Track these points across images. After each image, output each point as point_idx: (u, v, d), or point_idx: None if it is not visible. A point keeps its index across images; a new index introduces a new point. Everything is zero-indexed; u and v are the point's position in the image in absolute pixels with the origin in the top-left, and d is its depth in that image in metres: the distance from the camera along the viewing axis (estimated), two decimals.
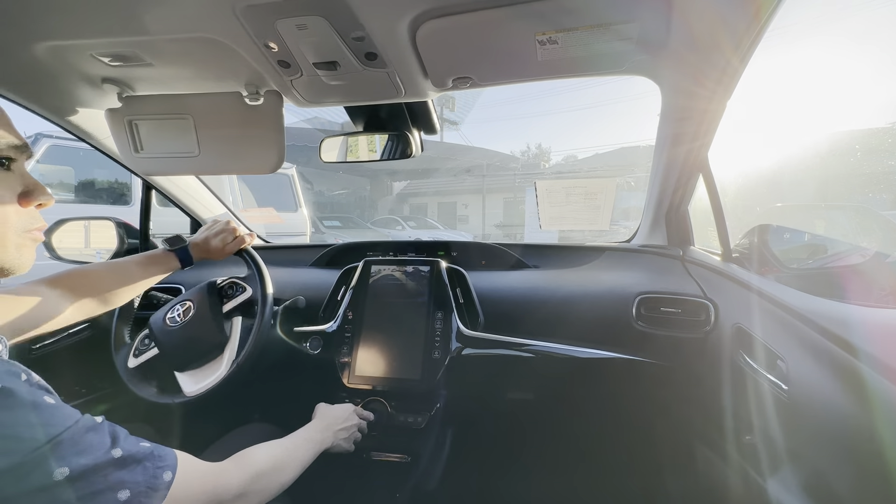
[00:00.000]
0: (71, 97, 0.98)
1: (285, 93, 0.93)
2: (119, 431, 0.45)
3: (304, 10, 0.66)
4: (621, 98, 52.04)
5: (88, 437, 0.40)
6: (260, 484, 0.59)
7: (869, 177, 1.23)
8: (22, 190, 0.52)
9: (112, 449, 0.42)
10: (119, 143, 1.02)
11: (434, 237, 6.57)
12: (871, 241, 0.94)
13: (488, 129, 55.25)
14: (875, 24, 15.69)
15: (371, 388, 1.07)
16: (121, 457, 0.42)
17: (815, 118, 2.52)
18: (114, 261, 0.85)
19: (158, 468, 0.45)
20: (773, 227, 1.00)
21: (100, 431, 0.42)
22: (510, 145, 69.59)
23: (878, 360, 0.56)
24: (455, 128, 22.14)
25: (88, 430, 0.41)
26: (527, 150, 26.25)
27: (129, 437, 0.45)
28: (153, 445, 0.46)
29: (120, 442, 0.43)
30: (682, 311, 1.03)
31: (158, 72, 0.87)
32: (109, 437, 0.43)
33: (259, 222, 4.88)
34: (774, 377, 0.76)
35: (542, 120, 58.51)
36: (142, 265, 0.87)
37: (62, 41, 0.77)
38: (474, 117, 51.08)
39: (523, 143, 52.19)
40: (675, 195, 1.15)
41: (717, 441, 1.04)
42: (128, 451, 0.43)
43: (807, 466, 0.74)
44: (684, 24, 0.69)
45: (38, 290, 0.70)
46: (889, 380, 0.54)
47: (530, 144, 26.13)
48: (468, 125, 46.22)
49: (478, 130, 55.68)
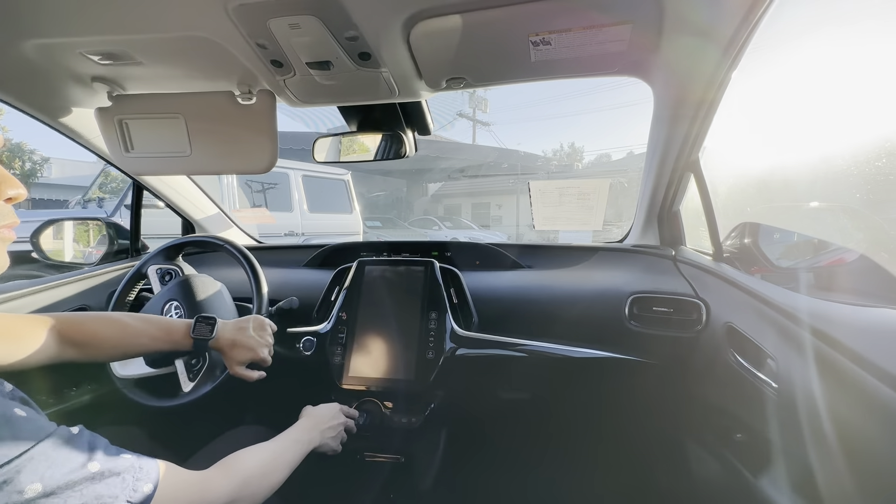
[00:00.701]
0: (60, 96, 0.96)
1: (278, 92, 0.92)
2: (98, 442, 0.43)
3: (296, 9, 0.65)
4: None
5: (63, 450, 0.39)
6: (248, 490, 0.58)
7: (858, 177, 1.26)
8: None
9: (89, 462, 0.40)
10: (109, 143, 1.01)
11: (471, 237, 6.65)
12: (858, 240, 0.95)
13: (520, 129, 55.72)
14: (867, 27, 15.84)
15: (365, 389, 1.07)
16: (98, 470, 0.40)
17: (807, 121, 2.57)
18: (129, 322, 0.77)
19: (138, 481, 0.43)
20: (762, 226, 1.01)
21: (76, 443, 0.40)
22: (543, 145, 69.64)
23: (866, 359, 0.57)
24: (487, 129, 22.59)
25: (63, 442, 0.39)
26: (559, 150, 26.38)
27: (108, 447, 0.43)
28: (134, 456, 0.45)
29: (97, 454, 0.41)
30: (674, 311, 1.04)
31: (149, 70, 0.86)
32: (86, 449, 0.41)
33: (251, 222, 4.92)
34: (765, 375, 0.77)
35: (574, 120, 58.75)
36: (153, 339, 0.78)
37: (51, 39, 0.76)
38: (505, 118, 51.35)
39: (556, 142, 51.65)
40: (667, 196, 1.16)
41: (708, 439, 1.05)
42: (105, 463, 0.41)
43: (796, 464, 0.75)
44: (676, 27, 0.69)
45: (34, 327, 0.66)
46: (877, 378, 0.55)
47: (563, 144, 26.18)
48: (500, 126, 46.55)
49: (510, 130, 56.17)
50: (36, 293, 1.09)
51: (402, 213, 15.41)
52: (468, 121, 21.10)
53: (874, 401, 0.55)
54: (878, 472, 0.55)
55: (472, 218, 16.06)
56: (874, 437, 0.55)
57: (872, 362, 0.56)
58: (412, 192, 17.93)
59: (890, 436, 0.53)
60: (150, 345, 0.79)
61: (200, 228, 1.56)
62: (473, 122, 21.70)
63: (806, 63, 6.50)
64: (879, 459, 0.55)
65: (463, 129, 36.16)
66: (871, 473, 0.57)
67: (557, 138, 63.24)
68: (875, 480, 0.56)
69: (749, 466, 0.86)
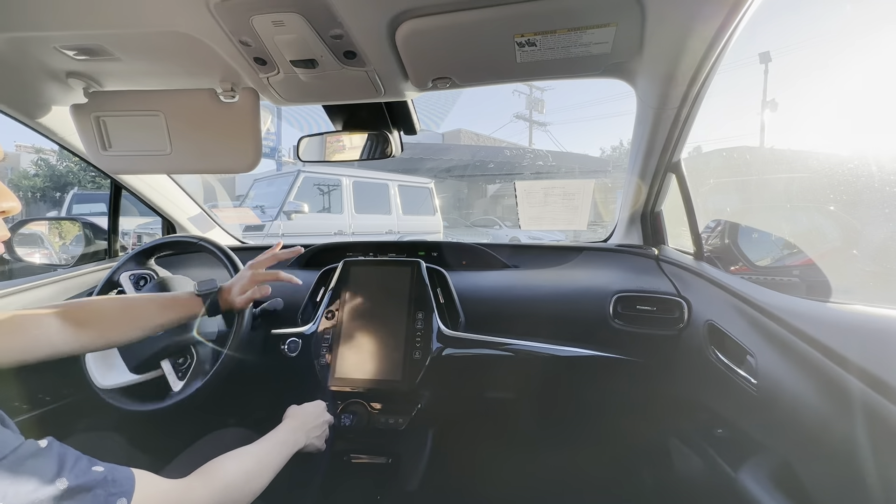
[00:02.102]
0: (33, 92, 0.93)
1: (262, 91, 0.91)
2: (68, 456, 0.41)
3: (280, 6, 0.64)
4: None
5: (29, 466, 0.37)
6: (230, 496, 0.56)
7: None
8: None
9: (57, 479, 0.38)
10: (85, 141, 0.97)
11: (532, 238, 6.83)
12: (832, 240, 0.98)
13: (581, 128, 55.56)
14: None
15: (351, 390, 1.06)
16: (66, 487, 0.38)
17: (788, 122, 2.62)
18: (132, 297, 0.80)
19: (112, 495, 0.41)
20: (742, 226, 1.03)
21: (44, 457, 0.38)
22: (601, 144, 70.00)
23: (841, 356, 0.59)
24: (543, 129, 23.33)
25: (29, 457, 0.37)
26: (619, 146, 26.08)
27: (79, 460, 0.41)
28: (107, 468, 0.43)
29: (66, 469, 0.39)
30: (657, 309, 1.06)
31: (127, 67, 0.84)
32: (56, 464, 0.39)
33: (234, 222, 4.99)
34: (744, 372, 0.79)
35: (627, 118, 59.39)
36: (162, 306, 0.81)
37: (23, 32, 0.73)
38: (563, 118, 50.86)
39: (616, 140, 50.93)
40: (650, 196, 1.18)
41: (689, 434, 1.07)
42: (75, 479, 0.39)
43: (775, 458, 0.77)
44: (657, 30, 0.71)
45: (41, 317, 0.66)
46: (852, 374, 0.56)
47: (623, 141, 26.24)
48: (554, 127, 46.67)
49: (570, 129, 56.54)
50: (11, 294, 1.05)
51: (464, 213, 16.00)
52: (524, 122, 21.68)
53: (849, 396, 0.56)
54: (854, 465, 0.57)
55: None
56: (850, 431, 0.57)
57: (848, 358, 0.58)
58: (472, 194, 18.55)
59: (865, 430, 0.55)
60: (160, 315, 0.79)
61: (182, 229, 1.53)
62: (530, 124, 22.06)
63: (804, 64, 6.67)
64: (855, 453, 0.57)
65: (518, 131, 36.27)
66: (848, 467, 0.59)
67: (617, 136, 63.21)
68: (852, 473, 0.58)
69: (730, 461, 0.88)
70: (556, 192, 1.35)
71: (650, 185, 1.14)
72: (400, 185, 6.56)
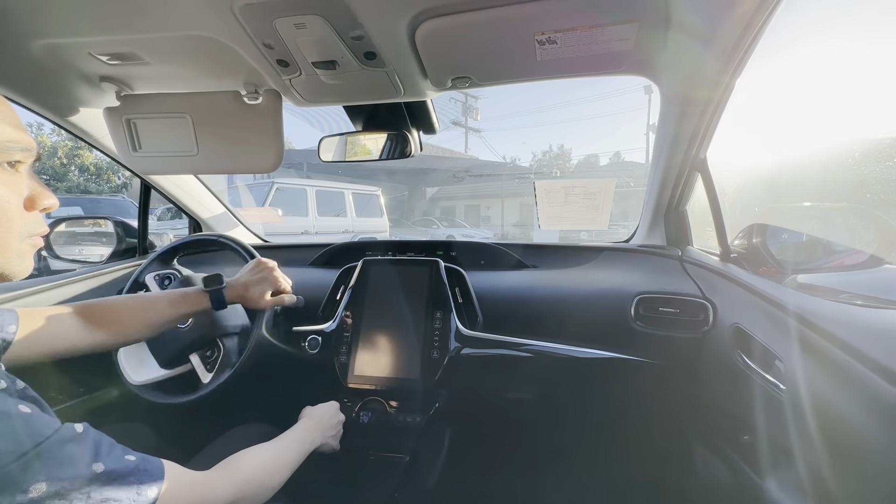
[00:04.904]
0: (69, 95, 0.97)
1: (284, 92, 0.93)
2: (103, 442, 0.42)
3: (302, 8, 0.65)
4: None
5: (68, 449, 0.38)
6: (249, 490, 0.58)
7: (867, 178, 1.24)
8: (28, 193, 0.50)
9: (94, 463, 0.39)
10: (117, 142, 1.01)
11: (464, 235, 7.47)
12: (868, 241, 0.94)
13: (509, 136, 56.52)
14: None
15: (370, 388, 1.07)
16: (102, 472, 0.39)
17: (816, 120, 2.53)
18: (145, 295, 0.84)
19: (143, 484, 0.42)
20: (770, 227, 1.00)
21: (81, 442, 0.40)
22: (526, 151, 71.48)
23: (874, 361, 0.56)
24: (478, 135, 24.28)
25: (68, 440, 0.39)
26: (548, 151, 27.54)
27: (114, 447, 0.43)
28: (139, 458, 0.44)
29: (102, 455, 0.40)
30: (680, 311, 1.03)
31: (156, 70, 0.87)
32: (92, 449, 0.40)
33: (258, 221, 5.13)
34: (772, 377, 0.77)
35: (559, 127, 59.70)
36: (171, 302, 0.83)
37: (59, 39, 0.76)
38: (499, 125, 52.09)
39: (540, 148, 52.43)
40: (674, 195, 1.15)
41: (714, 440, 1.04)
42: (111, 465, 0.40)
43: (803, 466, 0.74)
44: (682, 25, 0.69)
45: (62, 316, 0.70)
46: (885, 380, 0.54)
47: (552, 146, 27.45)
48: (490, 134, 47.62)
49: (501, 137, 57.44)
50: (44, 291, 1.10)
51: (405, 213, 17.17)
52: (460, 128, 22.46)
53: (883, 404, 0.54)
54: (885, 474, 0.54)
55: (465, 218, 18.03)
56: (882, 440, 0.54)
57: (882, 365, 0.55)
58: (413, 196, 19.63)
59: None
60: (171, 311, 0.82)
61: (207, 227, 1.57)
62: (466, 130, 22.56)
63: (816, 62, 6.44)
64: (887, 462, 0.54)
65: (454, 137, 36.92)
66: (878, 476, 0.56)
67: (547, 141, 64.44)
68: (883, 483, 0.55)
69: (756, 468, 0.85)
70: (576, 191, 1.33)
71: (674, 183, 1.11)
72: (353, 193, 7.96)
